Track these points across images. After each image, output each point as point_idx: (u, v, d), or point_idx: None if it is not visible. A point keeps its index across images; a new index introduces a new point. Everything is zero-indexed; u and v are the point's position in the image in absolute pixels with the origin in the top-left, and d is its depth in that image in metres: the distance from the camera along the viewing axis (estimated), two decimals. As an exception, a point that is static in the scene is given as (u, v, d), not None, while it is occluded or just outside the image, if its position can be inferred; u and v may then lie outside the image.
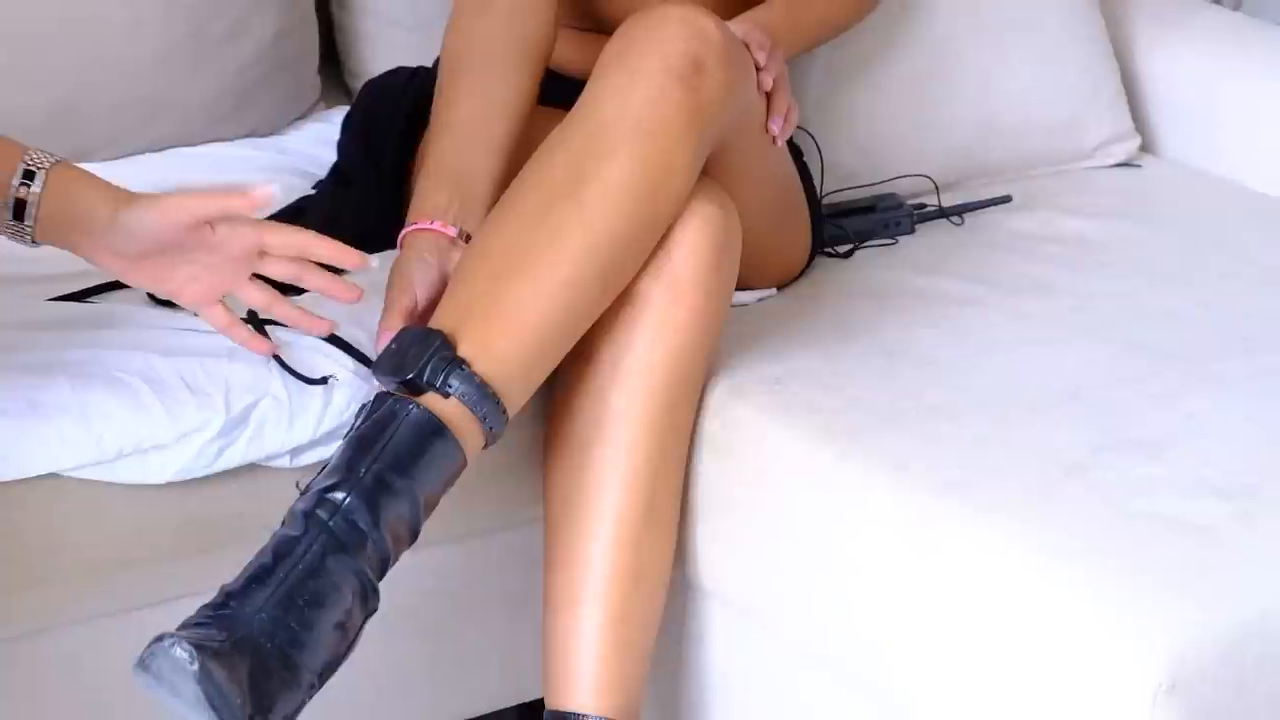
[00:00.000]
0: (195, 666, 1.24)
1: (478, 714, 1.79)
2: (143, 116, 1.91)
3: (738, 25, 1.67)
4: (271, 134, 1.99)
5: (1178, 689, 1.29)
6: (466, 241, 1.55)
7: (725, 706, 1.68)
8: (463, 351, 1.42)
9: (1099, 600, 1.35)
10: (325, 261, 1.46)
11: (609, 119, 1.49)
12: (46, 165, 1.38)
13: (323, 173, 1.87)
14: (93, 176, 1.41)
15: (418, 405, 1.39)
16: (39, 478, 1.45)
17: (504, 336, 1.44)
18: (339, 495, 1.35)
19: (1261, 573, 1.37)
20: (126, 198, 1.40)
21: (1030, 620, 1.37)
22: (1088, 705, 1.33)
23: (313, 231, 1.46)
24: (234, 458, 1.51)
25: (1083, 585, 1.36)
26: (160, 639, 1.26)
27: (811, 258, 1.85)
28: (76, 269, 1.61)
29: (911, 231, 1.94)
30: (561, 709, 1.53)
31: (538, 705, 1.60)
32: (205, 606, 1.32)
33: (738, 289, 1.63)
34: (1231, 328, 1.75)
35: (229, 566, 1.36)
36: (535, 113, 1.67)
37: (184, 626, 1.30)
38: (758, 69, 1.65)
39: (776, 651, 1.63)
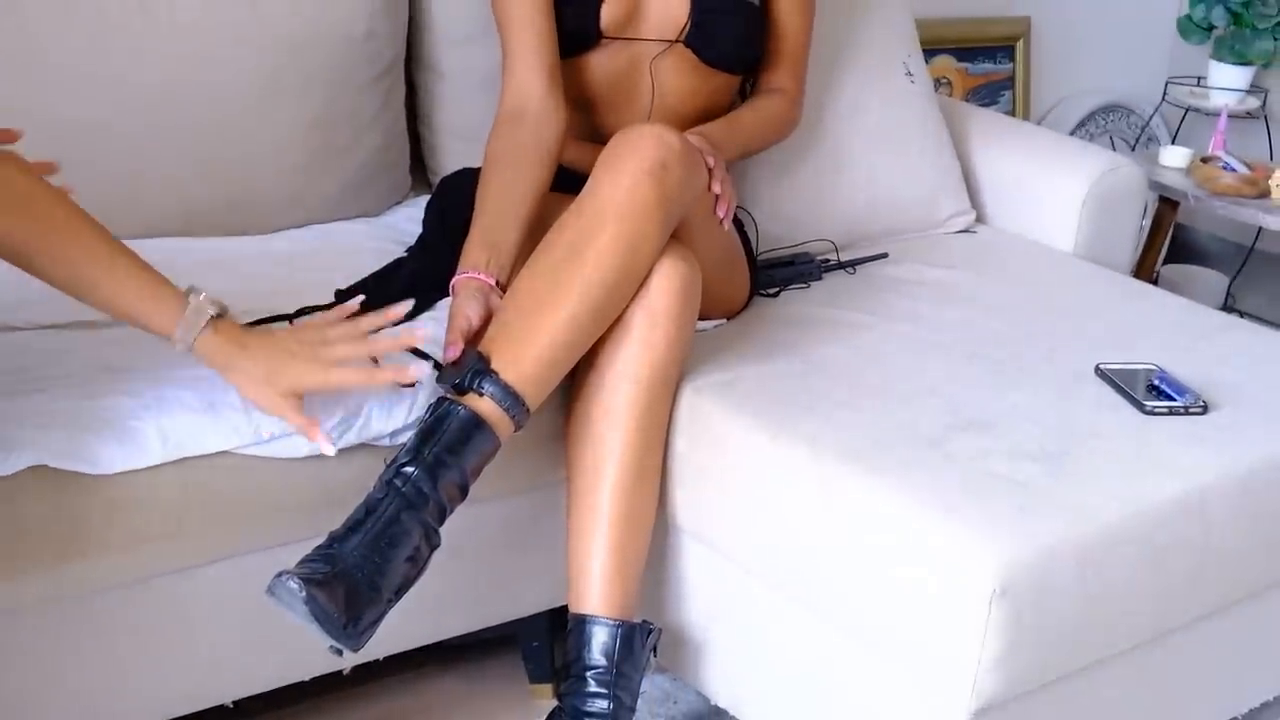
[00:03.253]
0: (303, 594, 1.25)
1: (519, 616, 1.77)
2: (289, 203, 1.89)
3: (692, 137, 1.65)
4: (377, 215, 1.98)
5: (1006, 593, 1.29)
6: (498, 287, 1.54)
7: (693, 607, 1.67)
8: (495, 365, 1.42)
9: (952, 533, 1.34)
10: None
11: (601, 203, 1.48)
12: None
13: (412, 241, 1.85)
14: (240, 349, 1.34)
15: (464, 407, 1.39)
16: (216, 454, 1.43)
17: (525, 354, 1.43)
18: (409, 469, 1.36)
19: (1061, 514, 1.37)
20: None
21: (903, 546, 1.36)
22: (944, 604, 1.33)
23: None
24: (350, 439, 1.48)
25: (939, 522, 1.35)
26: (279, 574, 1.27)
27: (750, 297, 1.84)
28: (241, 308, 1.60)
29: (820, 279, 1.93)
30: (579, 612, 1.52)
31: (561, 610, 1.58)
32: (318, 547, 1.33)
33: (699, 319, 1.61)
34: (1039, 342, 1.74)
35: (346, 515, 1.35)
36: (552, 198, 1.65)
37: (302, 562, 1.30)
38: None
39: (728, 569, 1.61)
